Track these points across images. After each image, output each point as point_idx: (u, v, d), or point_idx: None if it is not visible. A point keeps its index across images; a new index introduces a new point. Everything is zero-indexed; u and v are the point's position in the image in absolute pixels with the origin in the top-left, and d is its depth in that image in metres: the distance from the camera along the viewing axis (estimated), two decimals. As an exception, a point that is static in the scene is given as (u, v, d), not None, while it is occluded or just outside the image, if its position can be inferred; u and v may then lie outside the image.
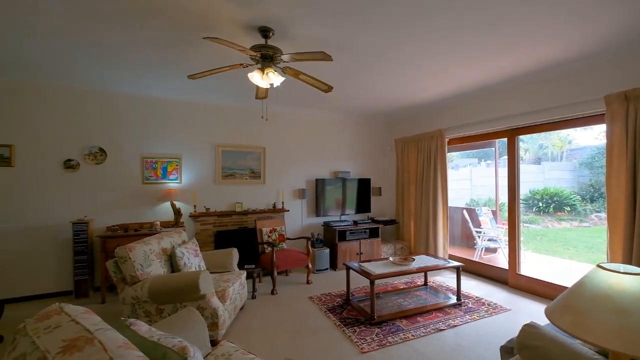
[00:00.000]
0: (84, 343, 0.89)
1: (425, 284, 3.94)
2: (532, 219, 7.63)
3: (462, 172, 7.90)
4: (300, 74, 2.64)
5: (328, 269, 4.72)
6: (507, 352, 1.57)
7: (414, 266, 3.26)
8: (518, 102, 3.72)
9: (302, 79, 2.70)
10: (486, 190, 7.31)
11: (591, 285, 1.01)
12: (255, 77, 2.39)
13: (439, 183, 4.70)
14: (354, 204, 5.29)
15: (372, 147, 5.79)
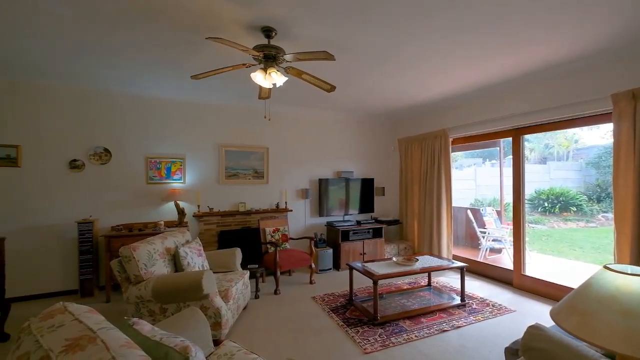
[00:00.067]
0: (86, 342, 0.90)
1: (429, 284, 3.91)
2: (538, 219, 7.56)
3: (466, 172, 7.85)
4: (303, 74, 2.64)
5: (331, 269, 4.71)
6: (512, 353, 1.56)
7: (418, 266, 3.25)
8: (523, 101, 3.69)
9: (304, 79, 2.70)
10: (491, 190, 7.25)
11: (598, 287, 0.99)
12: (258, 77, 2.39)
13: (443, 183, 4.68)
14: (357, 204, 5.27)
15: (375, 146, 5.77)
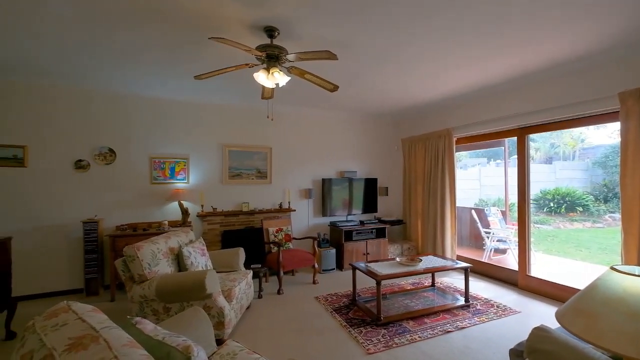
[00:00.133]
0: (89, 341, 0.90)
1: (433, 285, 3.89)
2: (543, 219, 7.48)
3: (470, 172, 7.80)
4: (305, 74, 2.64)
5: (334, 269, 4.71)
6: (517, 355, 1.54)
7: (421, 267, 3.23)
8: (527, 100, 3.65)
9: (307, 79, 2.70)
10: (495, 190, 7.19)
11: (604, 288, 0.98)
12: (261, 77, 2.39)
13: (447, 183, 4.65)
14: (360, 204, 5.26)
15: (378, 146, 5.75)
